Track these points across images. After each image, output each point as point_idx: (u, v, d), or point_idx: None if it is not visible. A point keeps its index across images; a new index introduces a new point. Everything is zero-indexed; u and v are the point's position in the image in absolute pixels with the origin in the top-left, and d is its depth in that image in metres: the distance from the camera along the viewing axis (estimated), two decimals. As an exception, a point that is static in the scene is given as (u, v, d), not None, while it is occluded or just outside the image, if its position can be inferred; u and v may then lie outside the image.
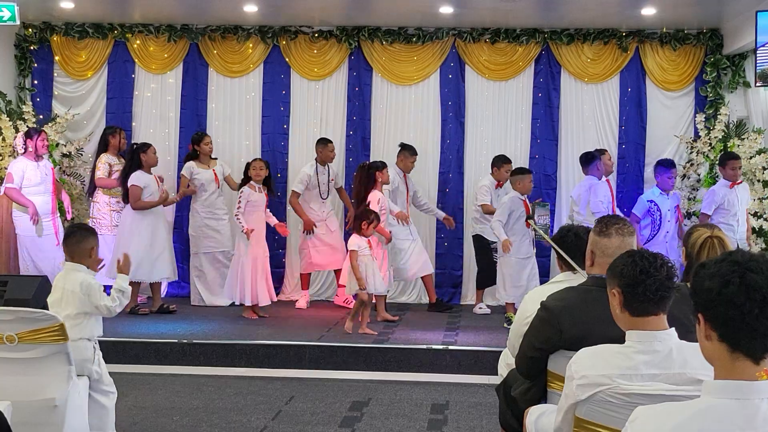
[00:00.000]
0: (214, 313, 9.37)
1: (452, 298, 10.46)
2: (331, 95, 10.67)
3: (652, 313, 2.88)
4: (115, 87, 10.71)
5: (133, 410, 6.23)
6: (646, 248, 3.11)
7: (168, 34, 10.59)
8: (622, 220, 3.77)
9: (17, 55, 10.67)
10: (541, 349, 3.56)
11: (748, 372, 1.92)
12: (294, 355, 7.67)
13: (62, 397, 4.52)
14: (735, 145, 9.63)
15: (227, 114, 10.71)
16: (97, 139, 10.33)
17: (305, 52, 10.59)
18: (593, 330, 3.29)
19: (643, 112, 10.35)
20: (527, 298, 4.09)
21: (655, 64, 10.31)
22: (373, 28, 10.44)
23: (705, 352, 2.02)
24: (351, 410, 6.33)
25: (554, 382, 3.55)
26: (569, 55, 10.38)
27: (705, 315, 1.98)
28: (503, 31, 10.34)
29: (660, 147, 10.28)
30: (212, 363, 7.62)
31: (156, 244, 9.29)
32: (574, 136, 10.43)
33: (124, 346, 7.70)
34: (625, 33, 10.25)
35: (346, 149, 10.58)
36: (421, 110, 10.56)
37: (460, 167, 10.50)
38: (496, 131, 10.49)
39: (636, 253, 2.96)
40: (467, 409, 6.42)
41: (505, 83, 10.51)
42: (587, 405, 2.85)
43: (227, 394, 6.71)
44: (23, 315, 4.49)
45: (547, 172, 10.42)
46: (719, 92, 10.11)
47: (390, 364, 7.57)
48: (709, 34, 10.17)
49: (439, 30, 10.38)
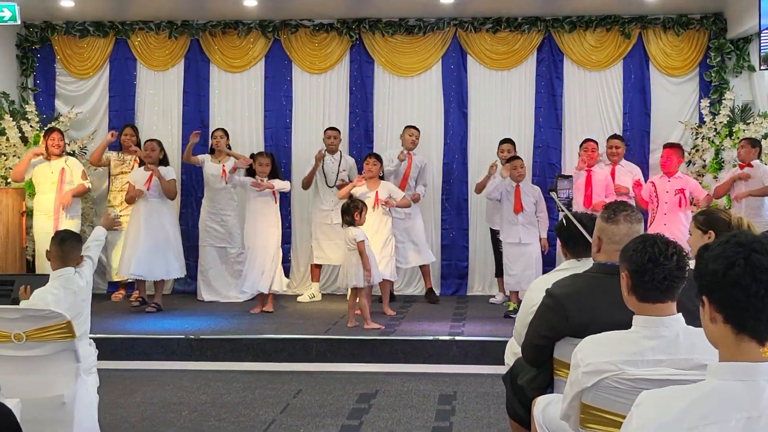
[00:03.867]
0: (221, 308, 9.38)
1: (458, 290, 10.45)
2: (333, 88, 10.65)
3: (659, 300, 2.87)
4: (117, 85, 10.71)
5: (141, 406, 6.24)
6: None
7: (168, 30, 10.59)
8: (630, 206, 3.75)
9: (19, 55, 10.68)
10: (547, 337, 3.55)
11: (753, 354, 1.91)
12: (301, 348, 7.67)
13: (71, 393, 4.54)
14: (741, 129, 9.59)
15: (229, 109, 10.70)
16: (101, 137, 10.34)
17: (306, 45, 10.58)
18: (599, 317, 3.28)
19: (647, 99, 10.31)
20: (532, 286, 4.09)
21: (658, 49, 10.27)
22: (374, 20, 10.42)
23: (709, 334, 2.01)
24: (359, 402, 6.33)
25: (560, 370, 3.54)
26: (571, 42, 10.35)
27: (710, 297, 1.97)
28: (504, 20, 10.31)
29: (665, 133, 10.23)
30: (219, 358, 7.63)
31: (165, 241, 9.27)
32: (577, 125, 10.39)
33: (132, 343, 7.72)
34: (628, 19, 10.21)
35: (349, 142, 10.56)
36: (423, 101, 10.54)
37: (464, 158, 10.48)
38: (499, 121, 10.46)
39: (649, 239, 2.93)
40: (475, 399, 6.42)
41: (508, 72, 10.49)
42: (593, 391, 2.85)
43: (235, 389, 6.72)
44: (30, 313, 4.51)
45: (552, 160, 10.39)
46: (724, 77, 10.07)
47: (397, 355, 7.57)
48: (712, 18, 10.12)
49: (440, 20, 10.36)
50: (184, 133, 10.62)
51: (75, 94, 10.74)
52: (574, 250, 4.13)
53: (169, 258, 9.32)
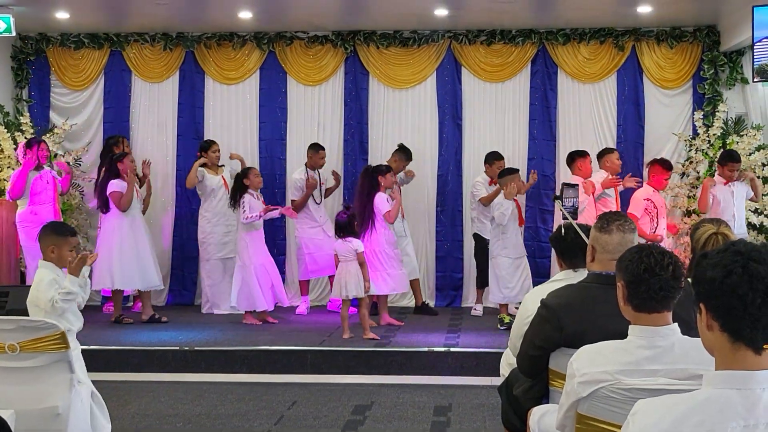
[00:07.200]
0: (215, 320, 9.36)
1: (453, 301, 10.44)
2: (327, 100, 10.66)
3: (655, 310, 2.87)
4: (111, 96, 10.71)
5: (136, 418, 6.22)
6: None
7: (163, 42, 10.59)
8: (624, 216, 3.76)
9: (14, 66, 10.67)
10: (542, 348, 3.55)
11: (750, 362, 1.92)
12: (296, 360, 7.66)
13: (65, 404, 4.52)
14: (734, 141, 9.63)
15: (224, 121, 10.70)
16: (96, 148, 10.34)
17: (301, 57, 10.59)
18: (594, 327, 3.28)
19: (641, 111, 10.34)
20: (527, 297, 4.09)
21: (652, 62, 10.31)
22: (369, 32, 10.44)
23: (706, 342, 2.01)
24: (354, 414, 6.32)
25: (556, 380, 3.54)
26: (565, 55, 10.38)
27: (707, 305, 1.97)
28: (499, 32, 10.34)
29: (659, 145, 10.27)
30: (214, 370, 7.61)
31: (141, 252, 9.21)
32: (572, 137, 10.41)
33: (126, 355, 7.70)
34: (621, 32, 10.25)
35: (344, 154, 10.57)
36: (418, 113, 10.56)
37: (459, 169, 10.50)
38: (493, 133, 10.48)
39: (644, 249, 2.92)
40: (470, 410, 6.41)
41: (502, 84, 10.51)
42: (589, 401, 2.84)
43: (229, 401, 6.70)
44: (24, 324, 4.49)
45: (546, 172, 10.40)
46: (717, 89, 10.10)
47: (392, 367, 7.56)
48: (705, 30, 10.17)
49: (435, 33, 10.38)
50: (178, 144, 10.62)
51: (70, 106, 10.73)
52: (571, 260, 4.14)
53: (149, 269, 9.26)
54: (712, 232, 4.14)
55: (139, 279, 9.17)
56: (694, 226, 4.29)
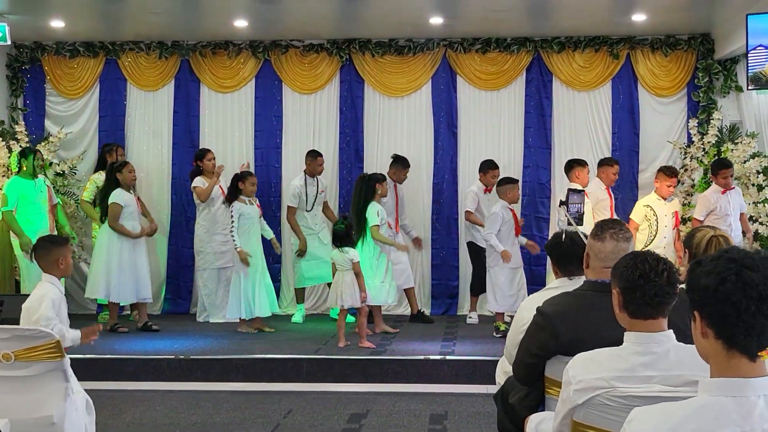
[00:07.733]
0: (211, 328, 9.35)
1: (449, 309, 10.44)
2: (323, 108, 10.68)
3: (650, 317, 2.87)
4: (107, 105, 10.71)
5: (131, 427, 6.20)
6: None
7: (159, 51, 10.60)
8: (619, 224, 3.76)
9: (9, 75, 10.68)
10: (538, 355, 3.54)
11: (744, 369, 1.92)
12: (291, 368, 7.64)
13: (60, 414, 4.49)
14: (729, 149, 9.65)
15: (220, 129, 10.71)
16: (91, 157, 10.34)
17: (296, 65, 10.61)
18: (589, 334, 3.28)
19: (636, 119, 10.37)
20: (523, 305, 4.09)
21: (646, 70, 10.33)
22: (364, 41, 10.46)
23: (700, 349, 2.02)
24: (349, 422, 6.31)
25: (552, 388, 3.54)
26: (560, 63, 10.41)
27: (701, 312, 1.97)
28: (494, 40, 10.37)
29: (653, 153, 10.30)
30: (210, 378, 7.59)
31: (136, 264, 9.18)
32: (567, 145, 10.44)
33: (121, 363, 7.68)
34: (616, 40, 10.28)
35: (339, 162, 10.58)
36: (413, 121, 10.58)
37: (454, 177, 10.51)
38: (488, 141, 10.50)
39: (639, 255, 2.93)
40: (466, 418, 6.40)
41: (497, 92, 10.53)
42: (585, 409, 2.84)
43: (225, 409, 6.69)
44: (19, 333, 4.47)
45: (541, 180, 10.42)
46: (711, 97, 10.13)
47: (388, 375, 7.55)
48: (700, 39, 10.20)
49: (430, 41, 10.40)
50: (174, 153, 10.62)
51: (65, 114, 10.73)
52: (567, 268, 4.13)
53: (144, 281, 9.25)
54: (712, 235, 4.15)
55: (134, 292, 9.16)
56: (689, 234, 4.29)
